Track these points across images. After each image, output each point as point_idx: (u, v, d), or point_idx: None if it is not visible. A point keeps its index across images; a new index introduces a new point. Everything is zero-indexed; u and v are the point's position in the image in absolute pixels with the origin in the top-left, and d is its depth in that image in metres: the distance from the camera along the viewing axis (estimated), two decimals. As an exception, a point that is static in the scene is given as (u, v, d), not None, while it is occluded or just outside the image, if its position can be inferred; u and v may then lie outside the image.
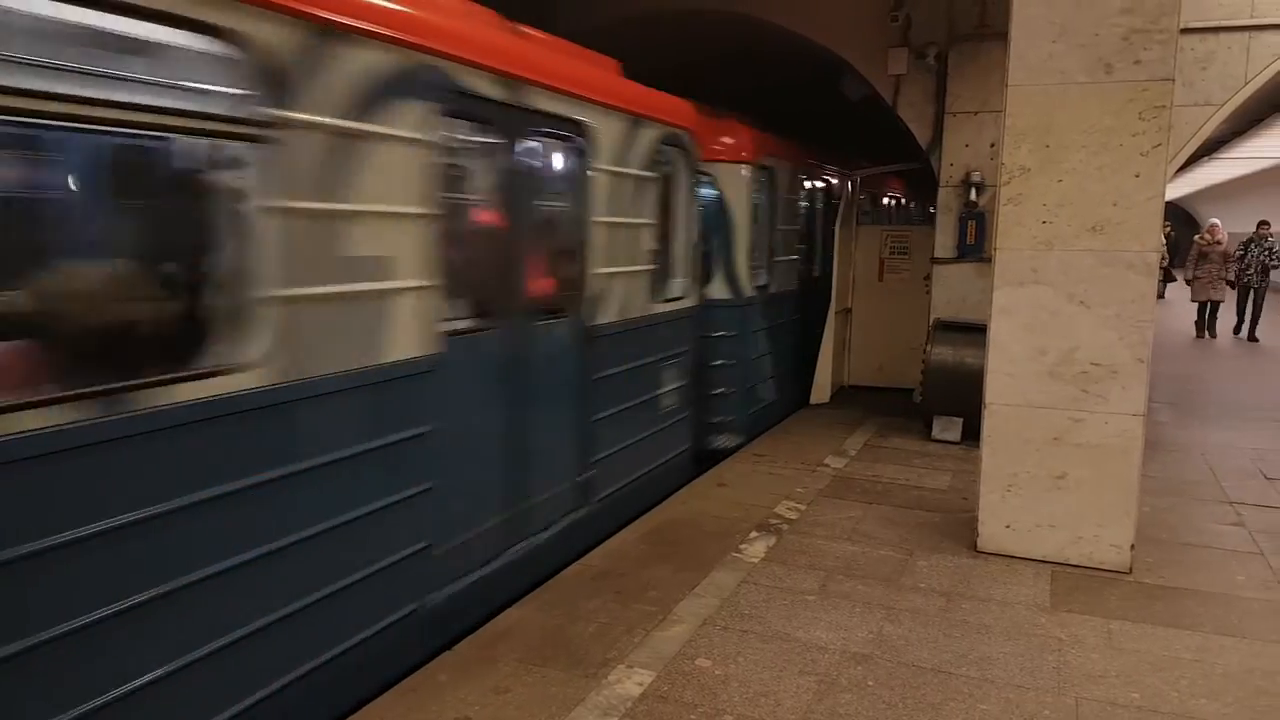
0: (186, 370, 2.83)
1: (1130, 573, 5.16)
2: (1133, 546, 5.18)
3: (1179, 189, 34.20)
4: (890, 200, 14.55)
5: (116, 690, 2.64)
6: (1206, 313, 16.57)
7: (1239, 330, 16.74)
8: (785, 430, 8.83)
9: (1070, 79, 5.02)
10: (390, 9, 3.62)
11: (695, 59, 11.09)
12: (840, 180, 11.01)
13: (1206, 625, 4.55)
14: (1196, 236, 17.05)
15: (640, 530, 5.81)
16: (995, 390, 5.35)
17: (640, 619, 4.48)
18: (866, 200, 12.13)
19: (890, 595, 4.84)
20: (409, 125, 3.68)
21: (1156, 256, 5.04)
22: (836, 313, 10.17)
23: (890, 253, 10.82)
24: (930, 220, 9.63)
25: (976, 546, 5.46)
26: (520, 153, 4.62)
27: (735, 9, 9.55)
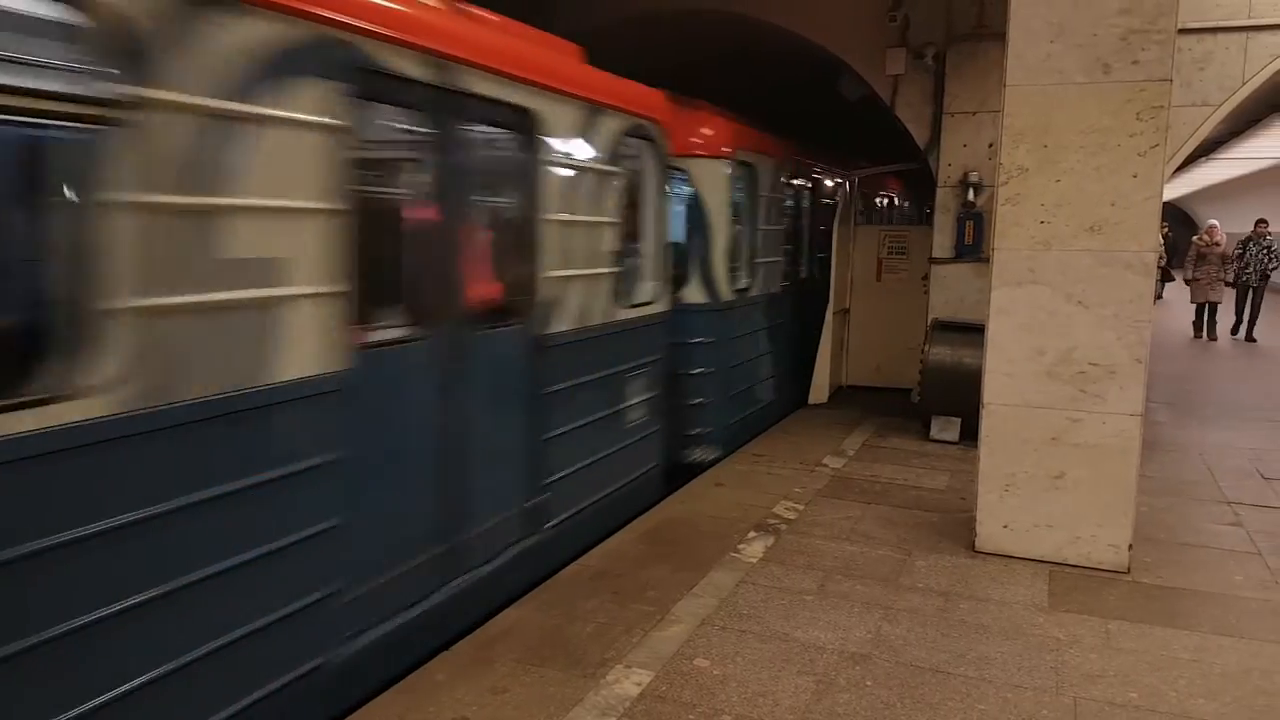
0: (5, 398, 2.36)
1: (1128, 573, 5.16)
2: (1130, 546, 5.19)
3: (1177, 189, 34.24)
4: (884, 200, 14.27)
5: None
6: (1205, 314, 16.57)
7: (1237, 330, 16.74)
8: (783, 430, 8.83)
9: (1068, 79, 5.02)
10: None
11: (694, 59, 11.10)
12: (836, 179, 10.90)
13: (1204, 625, 4.56)
14: (1195, 238, 17.04)
15: (638, 530, 5.81)
16: (993, 390, 5.35)
17: (638, 619, 4.48)
18: (858, 200, 11.85)
19: (888, 595, 4.84)
20: (308, 108, 3.18)
21: (1154, 256, 5.04)
22: (835, 313, 10.17)
23: (888, 253, 10.83)
24: (926, 220, 9.62)
25: (974, 546, 5.46)
26: (455, 143, 4.11)
27: (733, 9, 9.55)
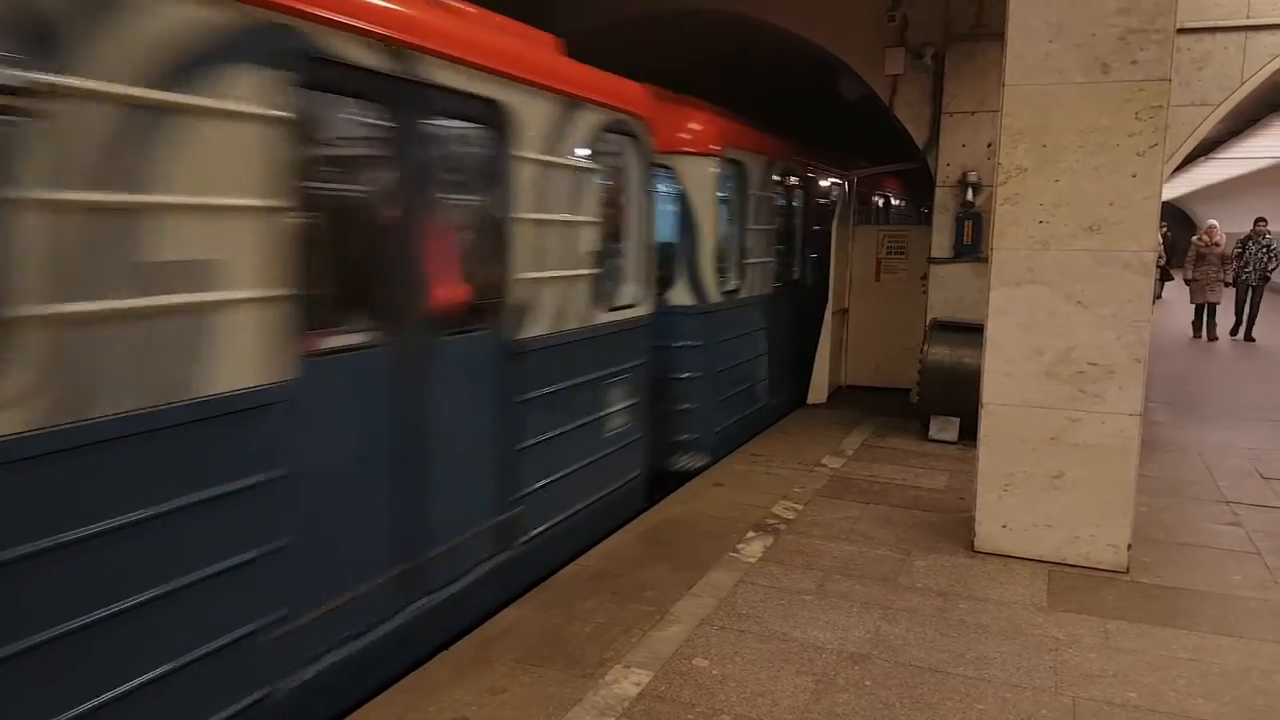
0: None
1: (1127, 572, 5.16)
2: (1129, 546, 5.19)
3: (1175, 189, 34.25)
4: (879, 200, 14.06)
5: None
6: (1204, 314, 16.55)
7: (1237, 331, 16.68)
8: (782, 430, 8.83)
9: (1067, 79, 5.02)
10: None
11: (694, 59, 11.10)
12: (833, 178, 10.84)
13: (1203, 625, 4.56)
14: (1194, 238, 16.99)
15: (637, 530, 5.81)
16: (992, 390, 5.35)
17: (637, 619, 4.48)
18: (855, 200, 11.72)
19: (887, 595, 4.84)
20: (246, 98, 2.96)
21: (1153, 256, 5.04)
22: (834, 313, 10.17)
23: (887, 253, 10.83)
24: (922, 220, 9.59)
25: (973, 546, 5.46)
26: (417, 137, 3.87)
27: (733, 9, 9.56)
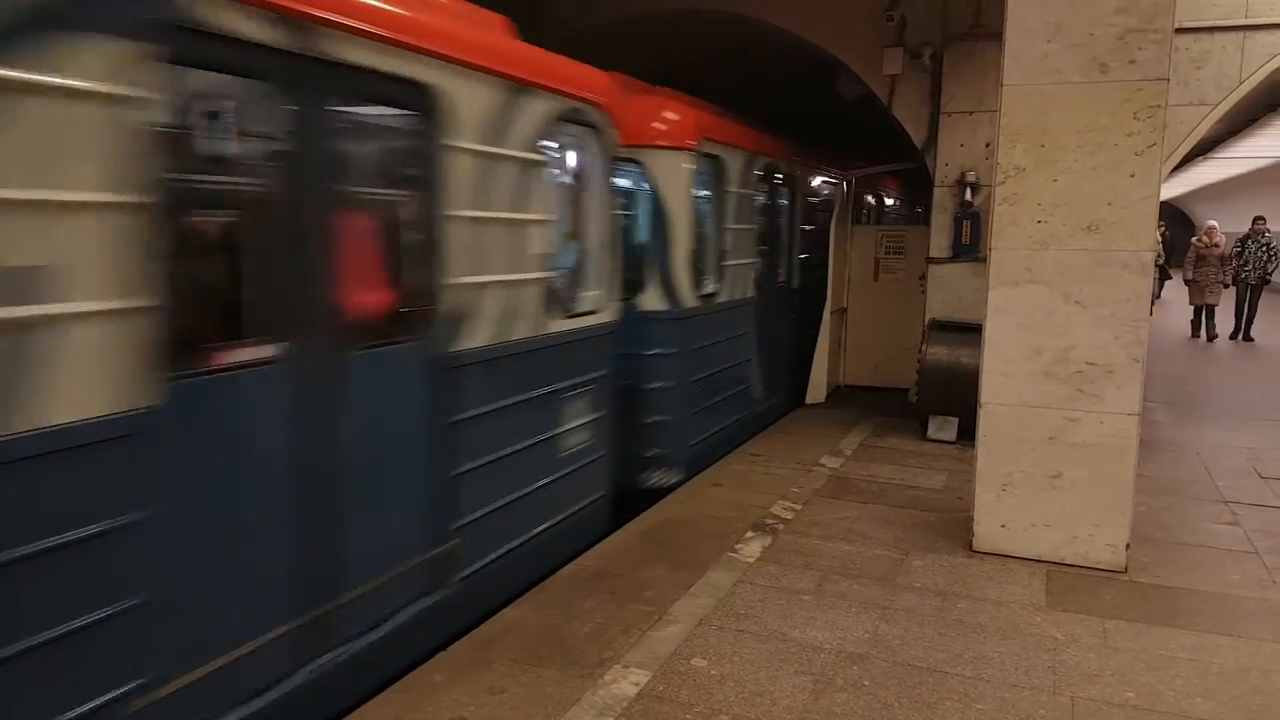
0: None
1: (1126, 572, 5.17)
2: (1128, 546, 5.19)
3: (1174, 189, 34.26)
4: (872, 200, 13.67)
5: None
6: (1203, 315, 16.50)
7: (1237, 335, 16.55)
8: (781, 430, 8.83)
9: (1065, 79, 5.02)
10: None
11: (692, 59, 11.10)
12: (827, 177, 10.72)
13: (1202, 624, 4.56)
14: (1194, 239, 16.94)
15: (636, 530, 5.80)
16: (990, 390, 5.35)
17: (636, 619, 4.48)
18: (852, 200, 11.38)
19: (886, 595, 4.84)
20: (90, 74, 2.49)
21: (1152, 256, 5.04)
22: (832, 312, 10.17)
23: (885, 253, 10.83)
24: (917, 220, 9.56)
25: (972, 546, 5.46)
26: (323, 123, 3.38)
27: (732, 9, 9.56)
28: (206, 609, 2.99)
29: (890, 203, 14.86)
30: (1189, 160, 20.30)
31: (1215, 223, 16.73)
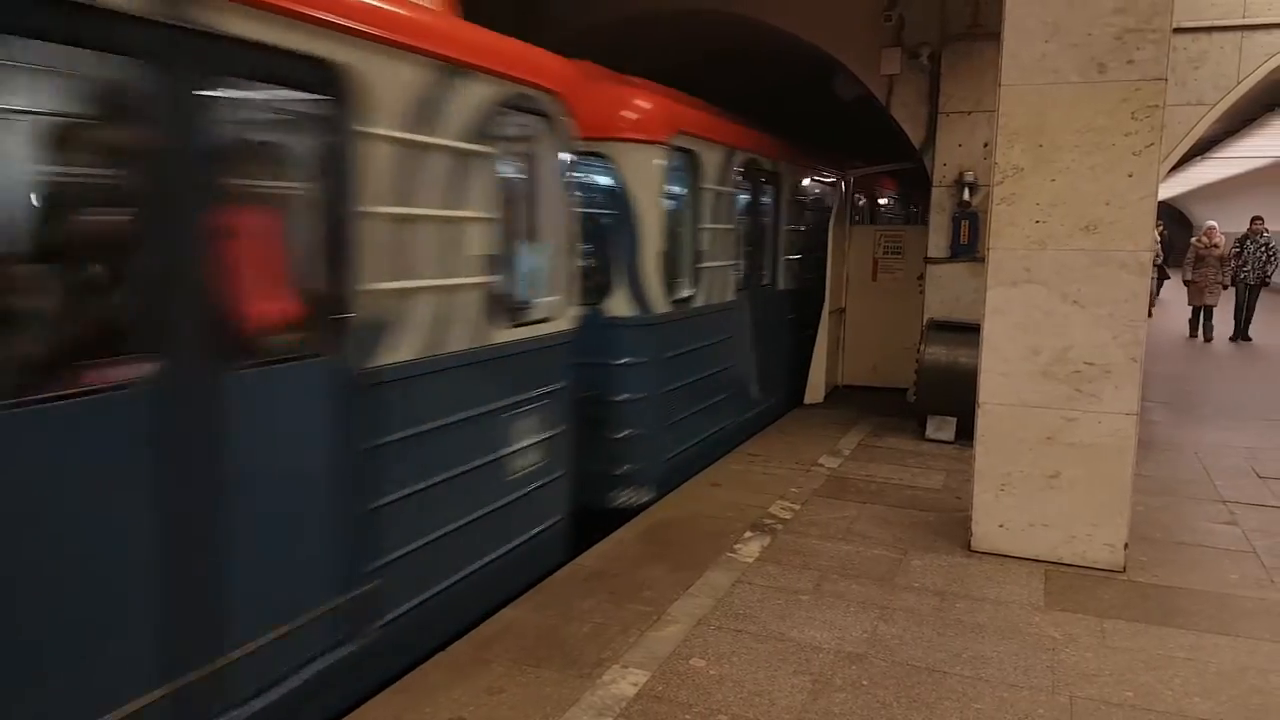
0: None
1: (1124, 572, 5.17)
2: (1126, 545, 5.19)
3: (1172, 189, 34.30)
4: (862, 199, 13.10)
5: None
6: (1201, 316, 16.45)
7: (1236, 337, 16.46)
8: (780, 430, 8.83)
9: (1063, 79, 5.03)
10: None
11: (692, 59, 11.11)
12: (822, 175, 10.57)
13: (1200, 624, 4.56)
14: (1194, 239, 16.91)
15: (635, 530, 5.80)
16: (989, 390, 5.35)
17: (635, 619, 4.48)
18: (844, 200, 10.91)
19: (884, 595, 4.84)
20: None
21: (1149, 256, 5.05)
22: (831, 312, 10.17)
23: (884, 253, 10.84)
24: (911, 219, 9.52)
25: (970, 546, 5.46)
26: (198, 106, 2.91)
27: (731, 9, 9.56)
28: (38, 680, 2.50)
29: (883, 203, 14.73)
30: (1187, 160, 20.31)
31: (1215, 223, 16.66)
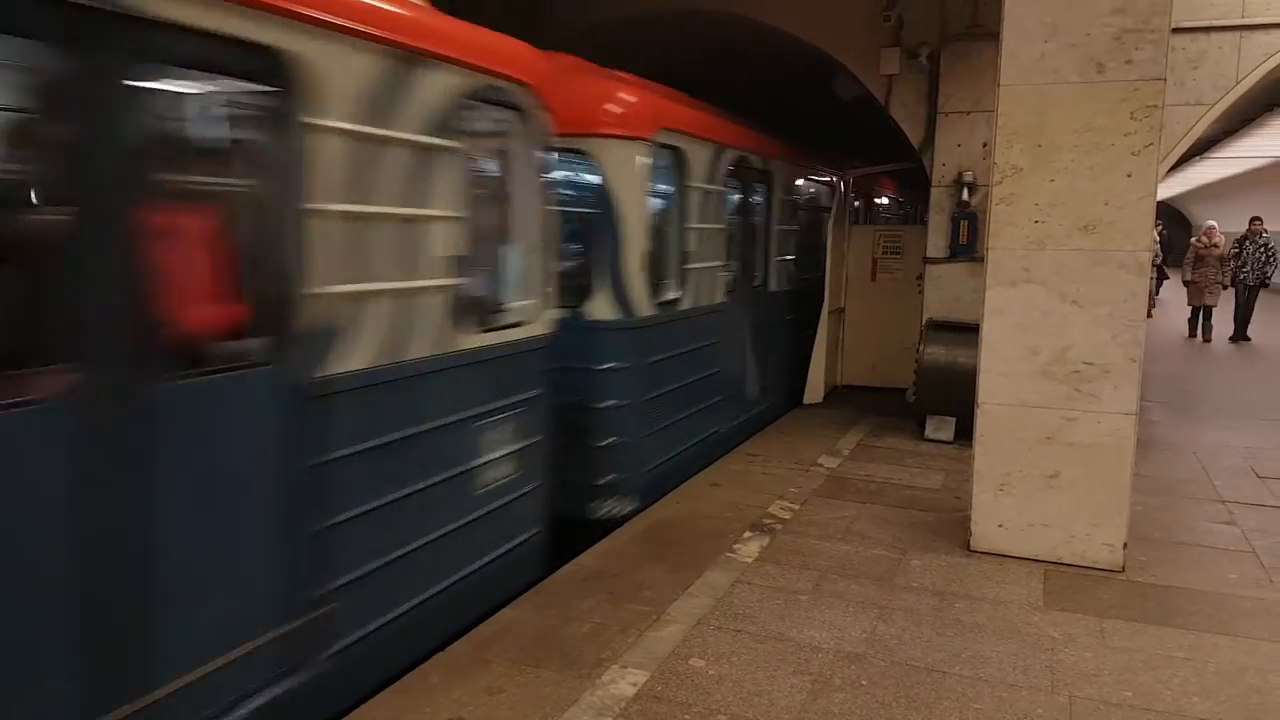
0: None
1: (1123, 571, 5.17)
2: (1125, 545, 5.19)
3: (1171, 188, 34.33)
4: (859, 200, 12.71)
5: None
6: (1201, 316, 16.41)
7: (1236, 337, 16.38)
8: (779, 430, 8.83)
9: (1062, 79, 5.03)
10: None
11: (692, 59, 11.12)
12: (817, 175, 10.47)
13: (1199, 624, 4.57)
14: (1193, 239, 16.88)
15: (634, 530, 5.80)
16: (988, 390, 5.35)
17: (634, 619, 4.48)
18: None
19: (884, 594, 4.84)
20: None
21: (1148, 256, 5.05)
22: (830, 313, 10.17)
23: (883, 252, 10.84)
24: (908, 219, 9.47)
25: (969, 546, 5.47)
26: (127, 96, 2.69)
27: (731, 9, 9.57)
28: None
29: (880, 203, 14.64)
30: (1186, 160, 20.33)
31: (1214, 223, 16.63)
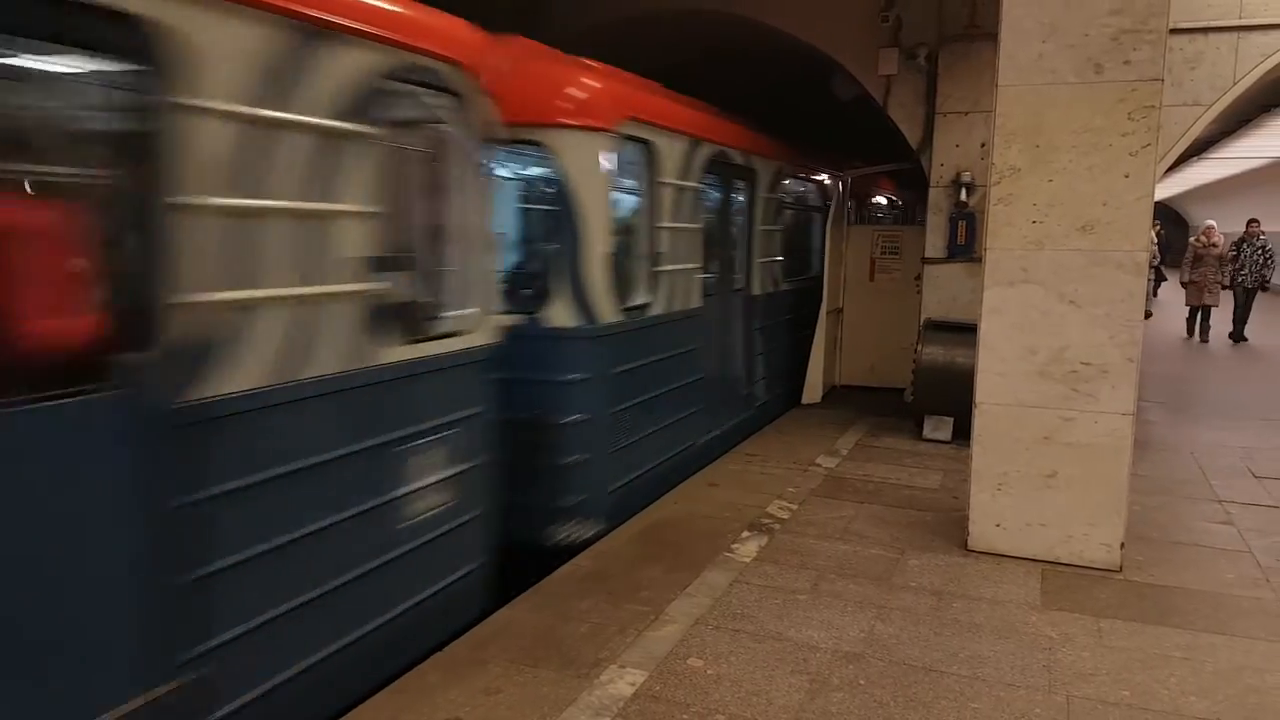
0: None
1: (1120, 571, 5.18)
2: (1123, 545, 5.20)
3: (1168, 189, 34.39)
4: (851, 200, 11.77)
5: None
6: (1199, 317, 16.39)
7: (1235, 338, 16.35)
8: (777, 430, 8.83)
9: (1060, 79, 5.04)
10: None
11: (691, 58, 11.13)
12: (810, 173, 10.33)
13: (1196, 623, 4.57)
14: (1192, 239, 16.89)
15: (632, 531, 5.80)
16: (985, 390, 5.36)
17: (632, 619, 4.48)
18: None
19: (882, 594, 4.85)
20: None
21: (1146, 256, 5.06)
22: (828, 313, 10.18)
23: (881, 253, 10.86)
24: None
25: (967, 545, 5.47)
26: None
27: (731, 10, 9.57)
28: None
29: (878, 201, 14.54)
30: (1183, 161, 20.36)
31: (1213, 222, 16.62)
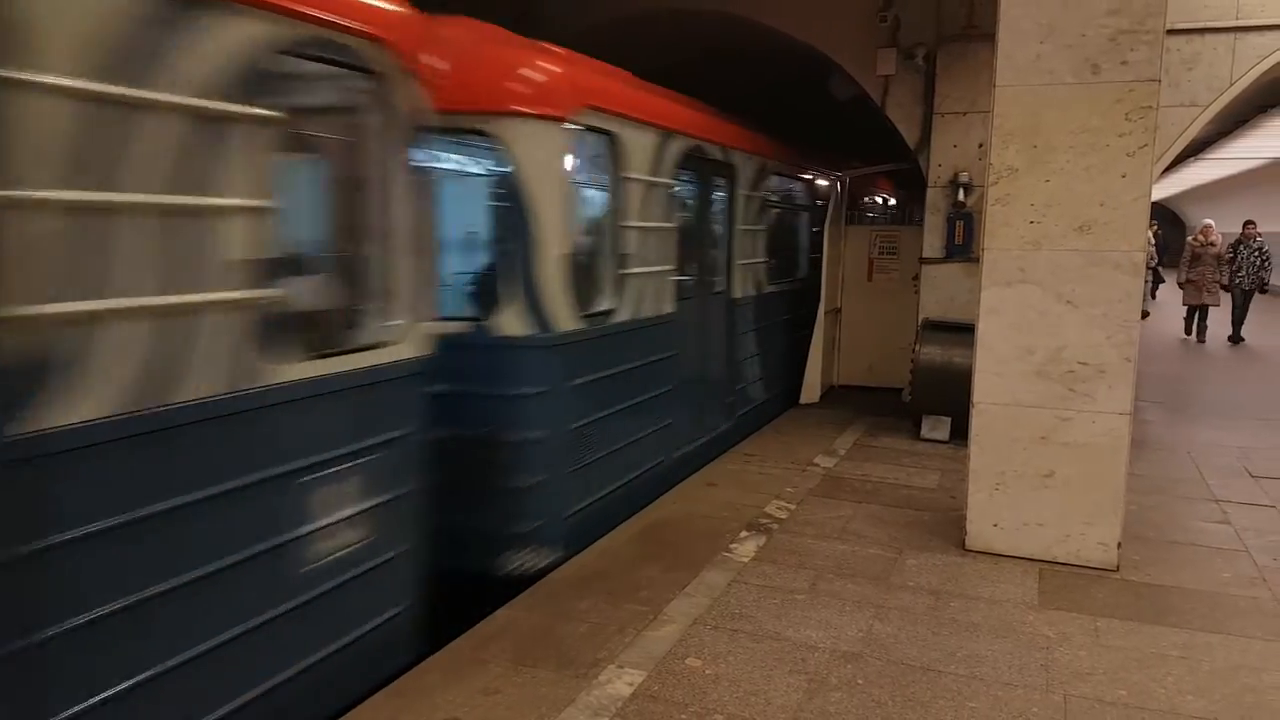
0: None
1: (1117, 570, 5.19)
2: (1120, 544, 5.21)
3: (1165, 189, 34.42)
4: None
5: None
6: (1197, 317, 16.37)
7: (1234, 339, 16.29)
8: (775, 430, 8.84)
9: (1057, 80, 5.04)
10: None
11: (689, 58, 11.13)
12: (802, 171, 10.21)
13: (1193, 623, 4.58)
14: (1190, 238, 16.88)
15: (630, 531, 5.81)
16: (983, 389, 5.37)
17: (631, 619, 4.49)
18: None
19: (880, 594, 4.86)
20: None
21: (1143, 256, 5.07)
22: (826, 313, 10.19)
23: (879, 253, 10.88)
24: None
25: (965, 545, 5.48)
26: None
27: (729, 9, 9.58)
28: None
29: (866, 202, 14.40)
30: (1180, 161, 20.39)
31: (1211, 221, 16.61)
